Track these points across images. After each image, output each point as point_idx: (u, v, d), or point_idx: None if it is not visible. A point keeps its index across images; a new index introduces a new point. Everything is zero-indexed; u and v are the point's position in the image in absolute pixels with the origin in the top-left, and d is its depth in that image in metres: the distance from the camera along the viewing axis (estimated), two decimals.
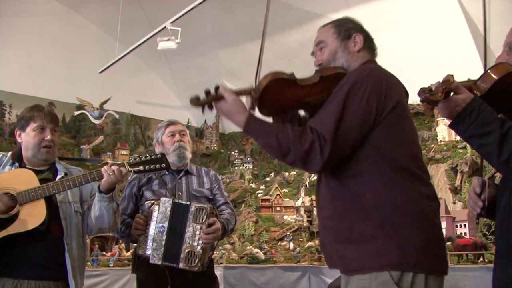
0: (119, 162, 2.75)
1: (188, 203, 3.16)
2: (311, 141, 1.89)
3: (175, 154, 3.41)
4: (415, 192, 1.93)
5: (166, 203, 3.15)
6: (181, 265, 3.07)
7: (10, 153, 2.89)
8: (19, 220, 2.57)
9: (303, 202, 8.62)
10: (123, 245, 7.56)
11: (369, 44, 2.23)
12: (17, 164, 2.81)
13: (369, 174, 1.93)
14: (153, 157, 2.77)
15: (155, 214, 3.15)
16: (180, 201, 3.20)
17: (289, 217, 8.56)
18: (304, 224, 8.17)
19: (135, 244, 3.30)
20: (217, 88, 2.08)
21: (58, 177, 2.83)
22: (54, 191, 2.65)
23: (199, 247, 3.09)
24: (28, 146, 2.80)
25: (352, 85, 1.96)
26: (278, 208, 8.81)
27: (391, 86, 2.00)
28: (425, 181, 2.00)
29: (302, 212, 8.50)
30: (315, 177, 2.34)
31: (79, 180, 2.68)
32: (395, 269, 1.84)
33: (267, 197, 8.99)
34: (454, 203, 7.10)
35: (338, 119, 1.91)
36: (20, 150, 2.86)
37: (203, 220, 3.11)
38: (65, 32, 10.00)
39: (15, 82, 9.22)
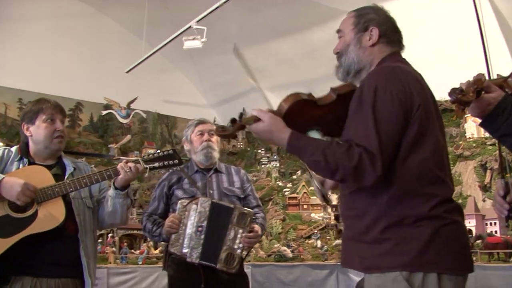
0: (133, 159, 2.76)
1: (232, 206, 3.20)
2: (359, 155, 1.82)
3: (202, 154, 3.43)
4: (431, 195, 1.88)
5: (204, 203, 3.17)
6: (219, 265, 3.11)
7: (15, 147, 2.84)
8: (38, 219, 2.56)
9: (330, 200, 8.57)
10: (151, 243, 7.63)
11: (389, 38, 2.14)
12: (25, 160, 2.78)
13: (386, 176, 1.88)
14: (165, 153, 2.77)
15: (192, 213, 3.17)
16: (221, 202, 3.24)
17: (317, 215, 8.52)
18: (332, 222, 8.13)
19: (163, 243, 3.33)
20: (241, 115, 2.03)
21: (68, 172, 2.82)
22: (71, 189, 2.64)
23: (239, 250, 3.14)
24: (39, 139, 2.77)
25: (376, 92, 1.89)
26: (305, 206, 8.75)
27: (410, 87, 1.92)
28: (445, 182, 1.95)
29: (329, 210, 8.44)
30: None
31: (96, 177, 2.67)
32: (405, 269, 1.83)
33: (294, 195, 8.94)
34: (484, 200, 6.96)
35: (376, 129, 1.84)
36: (26, 145, 2.83)
37: (246, 225, 3.15)
38: (91, 33, 10.09)
39: (43, 83, 9.30)
